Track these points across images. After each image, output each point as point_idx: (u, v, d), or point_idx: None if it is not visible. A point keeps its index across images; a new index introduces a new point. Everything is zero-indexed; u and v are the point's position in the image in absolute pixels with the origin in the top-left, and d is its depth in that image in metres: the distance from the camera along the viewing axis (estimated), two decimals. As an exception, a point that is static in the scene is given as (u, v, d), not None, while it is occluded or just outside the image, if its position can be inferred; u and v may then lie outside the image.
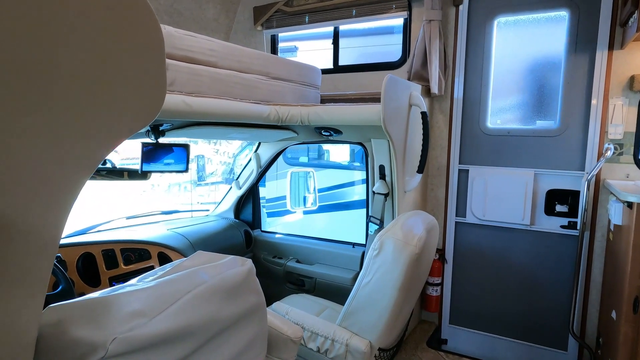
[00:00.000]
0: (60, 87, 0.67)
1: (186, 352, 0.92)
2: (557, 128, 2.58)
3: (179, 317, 0.88)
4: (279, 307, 2.26)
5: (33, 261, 0.70)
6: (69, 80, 0.68)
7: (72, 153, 0.71)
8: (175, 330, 0.87)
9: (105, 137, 0.76)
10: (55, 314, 0.80)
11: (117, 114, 0.77)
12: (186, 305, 0.91)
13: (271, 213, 5.42)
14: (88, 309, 0.82)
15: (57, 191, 0.71)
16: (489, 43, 2.71)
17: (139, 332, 0.80)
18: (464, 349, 3.00)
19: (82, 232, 2.63)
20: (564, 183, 2.60)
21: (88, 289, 2.28)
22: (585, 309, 2.62)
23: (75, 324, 0.78)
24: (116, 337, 0.76)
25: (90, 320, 0.79)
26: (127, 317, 0.81)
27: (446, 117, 2.92)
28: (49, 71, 0.65)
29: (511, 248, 2.79)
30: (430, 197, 3.08)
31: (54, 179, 0.70)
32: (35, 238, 0.69)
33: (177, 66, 1.75)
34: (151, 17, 0.79)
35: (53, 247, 0.73)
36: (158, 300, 0.88)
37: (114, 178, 2.14)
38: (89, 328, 0.77)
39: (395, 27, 3.31)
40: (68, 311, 0.81)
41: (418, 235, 1.89)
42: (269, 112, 2.13)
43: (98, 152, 0.76)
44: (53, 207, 0.71)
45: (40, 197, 0.68)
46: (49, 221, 0.71)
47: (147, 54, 0.80)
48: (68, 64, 0.67)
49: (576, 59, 2.49)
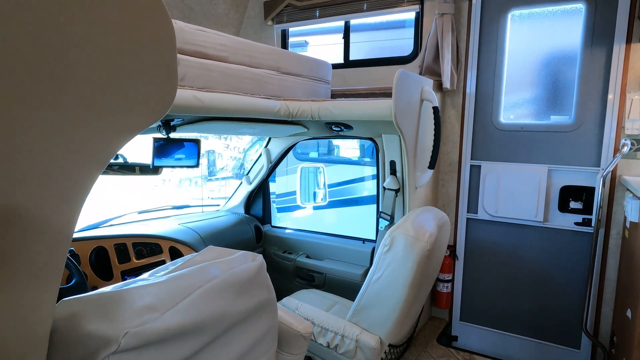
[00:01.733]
0: (73, 82, 0.67)
1: (197, 347, 0.92)
2: (572, 123, 2.53)
3: (190, 311, 0.89)
4: (289, 302, 2.27)
5: (47, 255, 0.71)
6: (81, 76, 0.68)
7: (85, 147, 0.72)
8: (186, 325, 0.87)
9: (117, 132, 0.77)
10: (69, 308, 0.81)
11: (129, 108, 0.77)
12: (197, 300, 0.92)
13: (281, 208, 5.43)
14: (100, 303, 0.82)
15: (70, 186, 0.71)
16: (502, 37, 2.66)
17: (151, 326, 0.80)
18: (474, 346, 2.98)
19: (95, 227, 2.66)
20: (578, 179, 2.55)
21: (101, 283, 2.31)
22: (599, 307, 2.58)
23: (88, 318, 0.78)
24: (128, 331, 0.77)
25: (102, 314, 0.79)
26: (139, 312, 0.81)
27: (458, 112, 2.89)
28: (61, 66, 0.65)
29: (524, 245, 2.75)
30: (441, 193, 3.06)
31: (67, 173, 0.70)
32: (49, 232, 0.70)
33: (187, 61, 1.75)
34: (162, 12, 0.79)
35: (66, 241, 0.73)
36: (169, 295, 0.89)
37: (126, 173, 2.15)
38: (101, 322, 0.77)
39: (407, 21, 3.27)
40: (81, 305, 0.82)
41: (429, 231, 1.87)
42: (280, 107, 2.12)
43: (110, 146, 0.76)
44: (66, 201, 0.72)
45: (54, 191, 0.69)
46: (63, 215, 0.71)
47: (158, 49, 0.80)
48: (80, 59, 0.67)
49: (592, 52, 2.43)
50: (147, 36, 0.77)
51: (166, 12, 0.79)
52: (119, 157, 2.16)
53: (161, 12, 0.78)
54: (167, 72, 0.83)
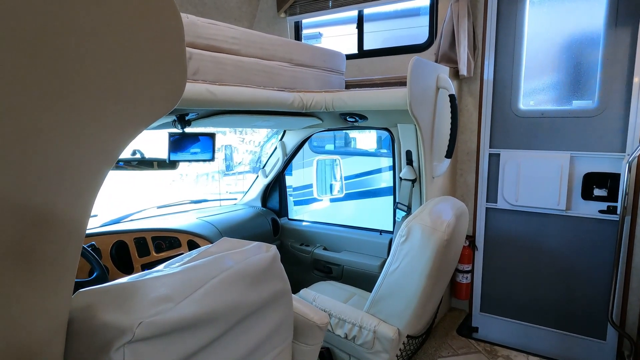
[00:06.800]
0: (83, 76, 0.67)
1: (212, 337, 0.93)
2: (596, 108, 2.45)
3: (204, 302, 0.89)
4: (307, 294, 2.27)
5: (63, 249, 0.72)
6: (91, 69, 0.68)
7: (96, 142, 0.72)
8: (200, 315, 0.88)
9: (126, 126, 0.77)
10: (85, 299, 0.82)
11: (138, 101, 0.77)
12: (211, 290, 0.92)
13: (298, 201, 5.44)
14: (116, 294, 0.84)
15: (82, 180, 0.72)
16: (521, 20, 2.58)
17: (165, 316, 0.81)
18: (495, 337, 2.93)
19: (116, 222, 2.71)
20: (602, 166, 2.47)
21: (121, 276, 2.36)
22: (626, 297, 2.50)
23: (103, 308, 0.79)
24: (142, 322, 0.77)
25: (118, 304, 0.80)
26: (154, 302, 0.82)
27: (476, 100, 2.82)
28: (71, 61, 0.65)
29: (545, 234, 2.69)
30: (459, 183, 3.00)
31: (80, 168, 0.71)
32: (64, 227, 0.71)
33: (200, 55, 1.75)
34: (170, 4, 0.78)
35: (80, 235, 0.74)
36: (184, 286, 0.89)
37: (144, 168, 2.18)
38: (116, 312, 0.78)
39: (422, 8, 3.21)
40: (97, 296, 0.83)
41: (447, 221, 1.84)
42: (293, 99, 2.11)
43: (120, 140, 0.77)
44: (80, 195, 0.72)
45: (67, 186, 0.70)
46: (77, 209, 0.72)
47: (166, 41, 0.80)
48: (90, 53, 0.67)
49: (617, 33, 2.34)
50: (154, 28, 0.77)
51: (173, 3, 0.79)
52: (137, 152, 2.20)
53: (169, 4, 0.78)
54: (176, 64, 0.83)
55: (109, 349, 0.76)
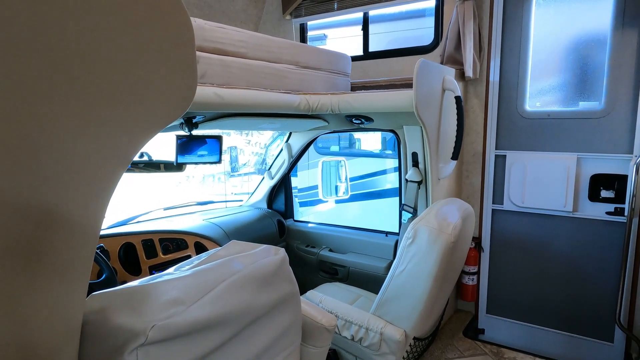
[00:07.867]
0: (96, 79, 0.68)
1: (222, 339, 0.94)
2: (602, 109, 2.44)
3: (215, 305, 0.90)
4: (313, 295, 2.28)
5: (77, 251, 0.73)
6: (105, 72, 0.69)
7: (110, 144, 0.73)
8: (211, 318, 0.89)
9: (139, 129, 0.78)
10: (99, 302, 0.83)
11: (151, 105, 0.78)
12: (221, 293, 0.93)
13: (303, 203, 5.45)
14: (129, 297, 0.85)
15: (96, 183, 0.73)
16: (527, 22, 2.58)
17: (177, 319, 0.82)
18: (502, 339, 2.93)
19: (123, 223, 2.73)
20: (609, 167, 2.46)
21: (129, 277, 2.38)
22: (634, 299, 2.48)
23: (116, 311, 0.80)
24: (155, 325, 0.78)
25: (130, 308, 0.81)
26: (166, 305, 0.83)
27: (481, 101, 2.82)
28: (84, 63, 0.66)
29: (552, 236, 2.68)
30: (465, 184, 3.00)
31: (93, 171, 0.72)
32: (78, 229, 0.72)
33: (208, 58, 1.77)
34: (180, 8, 0.79)
35: (94, 237, 0.75)
36: (194, 289, 0.90)
37: (151, 170, 2.20)
38: (129, 315, 0.79)
39: (427, 10, 3.21)
40: (110, 299, 0.84)
41: (453, 223, 1.84)
42: (299, 101, 2.12)
43: (133, 143, 0.78)
44: (93, 198, 0.73)
45: (81, 189, 0.71)
46: (90, 212, 0.73)
47: (177, 45, 0.81)
48: (104, 56, 0.68)
49: (623, 34, 2.33)
50: (166, 33, 0.78)
51: (184, 8, 0.80)
52: (144, 155, 2.21)
53: (179, 8, 0.79)
54: (187, 69, 0.84)
55: (122, 352, 0.76)
